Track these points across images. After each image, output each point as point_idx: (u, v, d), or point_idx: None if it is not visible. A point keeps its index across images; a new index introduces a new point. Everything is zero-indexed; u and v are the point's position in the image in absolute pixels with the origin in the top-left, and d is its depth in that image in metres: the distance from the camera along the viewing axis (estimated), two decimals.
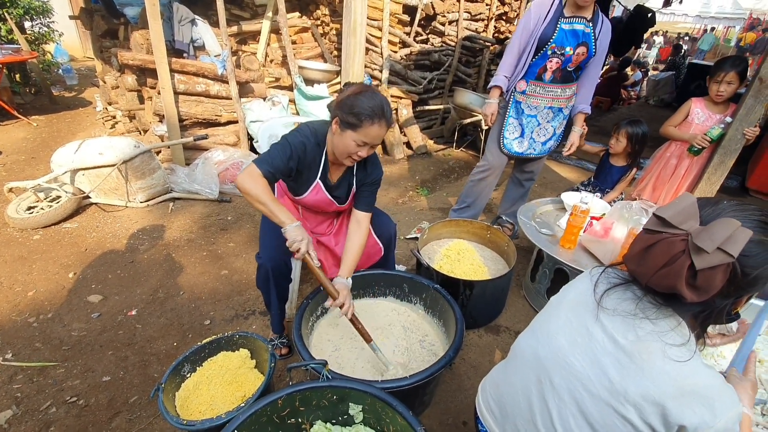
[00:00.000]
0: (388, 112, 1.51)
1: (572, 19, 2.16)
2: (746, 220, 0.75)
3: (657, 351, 0.78)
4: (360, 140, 1.49)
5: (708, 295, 0.73)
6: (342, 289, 1.57)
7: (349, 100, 1.48)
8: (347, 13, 3.67)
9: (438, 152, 5.02)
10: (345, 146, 1.52)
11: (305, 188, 1.70)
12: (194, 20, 3.74)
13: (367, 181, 1.77)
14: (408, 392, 1.41)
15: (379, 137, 1.52)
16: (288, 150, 1.56)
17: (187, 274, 2.54)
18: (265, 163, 1.51)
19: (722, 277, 0.72)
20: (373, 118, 1.46)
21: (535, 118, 2.47)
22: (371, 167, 1.77)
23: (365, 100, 1.46)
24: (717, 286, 0.72)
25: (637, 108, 8.47)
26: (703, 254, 0.71)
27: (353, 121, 1.47)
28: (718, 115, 2.54)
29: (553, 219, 2.38)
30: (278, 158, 1.54)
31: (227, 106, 3.73)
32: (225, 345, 1.65)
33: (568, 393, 0.88)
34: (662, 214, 0.78)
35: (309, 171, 1.66)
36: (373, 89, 1.54)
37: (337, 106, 1.51)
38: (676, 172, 2.72)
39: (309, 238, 1.50)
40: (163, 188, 3.29)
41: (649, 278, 0.79)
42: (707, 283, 0.72)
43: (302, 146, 1.59)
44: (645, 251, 0.79)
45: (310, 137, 1.62)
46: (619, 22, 6.46)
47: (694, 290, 0.73)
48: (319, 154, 1.65)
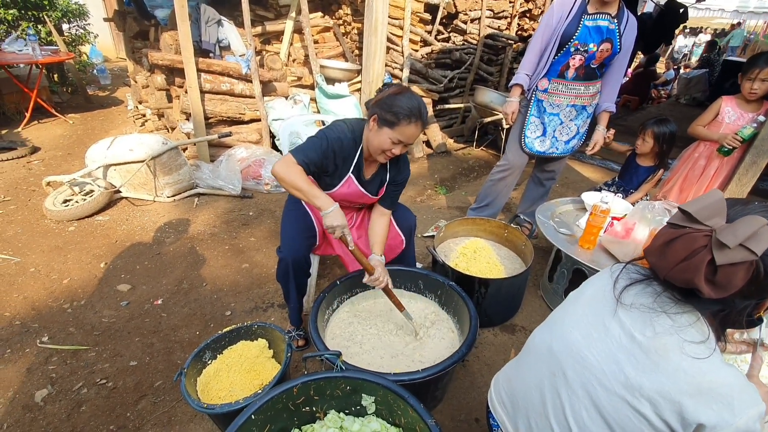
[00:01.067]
0: (424, 113, 1.57)
1: (596, 15, 2.12)
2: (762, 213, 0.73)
3: (674, 347, 0.77)
4: (396, 138, 1.55)
5: (727, 293, 0.72)
6: (377, 264, 1.69)
7: (389, 99, 1.55)
8: (369, 12, 3.70)
9: (458, 151, 5.00)
10: (380, 143, 1.58)
11: (338, 181, 1.75)
12: (220, 21, 3.84)
13: (396, 180, 1.84)
14: (420, 386, 1.43)
15: (413, 136, 1.58)
16: (324, 143, 1.62)
17: (210, 266, 2.62)
18: (300, 153, 1.58)
19: (744, 275, 0.70)
20: (410, 117, 1.53)
21: (558, 117, 2.44)
22: (403, 165, 1.85)
23: (404, 100, 1.53)
24: (737, 284, 0.71)
25: (667, 107, 8.20)
26: (725, 250, 0.70)
27: (391, 119, 1.53)
28: (751, 114, 2.45)
29: (572, 219, 2.35)
30: (313, 151, 1.60)
31: (251, 105, 3.82)
32: (244, 334, 1.71)
33: (582, 386, 0.88)
34: (688, 209, 0.76)
35: (344, 164, 1.72)
36: (411, 90, 1.61)
37: (376, 104, 1.58)
38: (705, 172, 2.64)
39: (345, 221, 1.57)
40: (189, 184, 3.40)
41: (668, 272, 0.78)
42: (727, 280, 0.71)
43: (339, 141, 1.65)
44: (666, 245, 0.78)
45: (347, 133, 1.68)
46: (649, 18, 6.25)
47: (712, 286, 0.72)
48: (355, 149, 1.71)
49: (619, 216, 2.16)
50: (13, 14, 5.36)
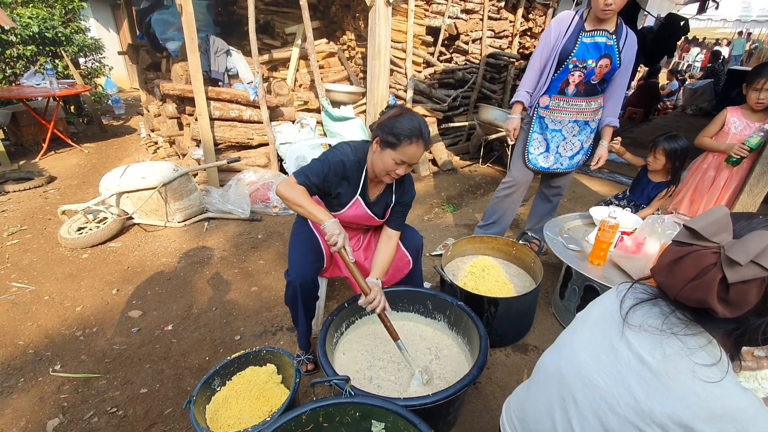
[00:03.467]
0: (426, 133, 1.60)
1: (594, 32, 2.15)
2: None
3: (686, 370, 0.75)
4: (398, 158, 1.58)
5: (741, 311, 0.70)
6: (373, 286, 1.66)
7: (389, 122, 1.59)
8: (372, 37, 3.80)
9: (464, 168, 5.01)
10: (384, 164, 1.61)
11: (345, 203, 1.78)
12: (229, 51, 3.97)
13: (402, 201, 1.86)
14: (431, 411, 1.40)
15: (416, 156, 1.61)
16: (326, 167, 1.66)
17: (219, 290, 2.64)
18: (301, 174, 1.64)
19: (757, 292, 0.69)
20: (411, 138, 1.56)
21: (560, 133, 2.45)
22: (408, 186, 1.87)
23: (405, 122, 1.57)
24: (751, 301, 0.69)
25: (673, 118, 8.16)
26: (736, 267, 0.68)
27: (392, 141, 1.56)
28: (757, 123, 2.43)
29: (581, 234, 2.33)
30: (314, 173, 1.64)
31: (258, 130, 3.91)
32: (253, 360, 1.70)
33: (592, 411, 0.86)
34: (693, 226, 0.75)
35: (349, 186, 1.75)
36: (412, 111, 1.64)
37: (378, 127, 1.62)
38: (715, 183, 2.61)
39: (345, 234, 1.58)
40: (199, 209, 3.46)
41: (678, 291, 0.76)
42: (740, 297, 0.69)
43: (341, 164, 1.68)
44: (674, 263, 0.76)
45: (351, 155, 1.71)
46: (650, 32, 6.30)
47: (726, 305, 0.71)
48: (360, 171, 1.74)
49: (628, 231, 2.13)
50: (31, 50, 5.60)
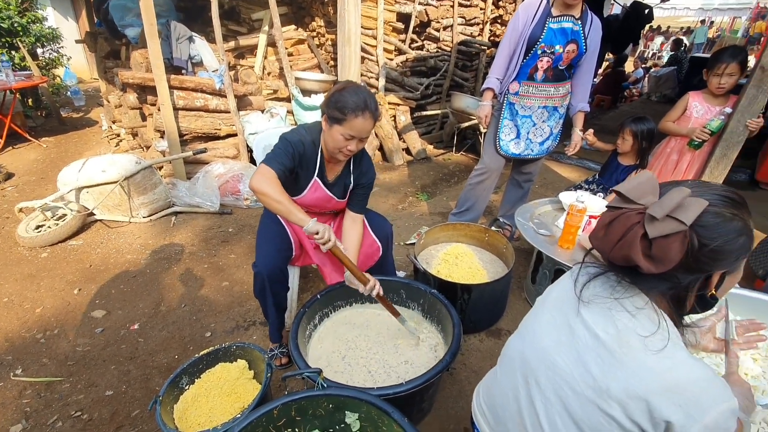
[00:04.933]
0: (371, 104, 1.56)
1: (560, 18, 2.16)
2: (706, 194, 0.74)
3: (637, 345, 0.77)
4: (347, 134, 1.55)
5: (666, 267, 0.72)
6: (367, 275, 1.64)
7: (334, 97, 1.55)
8: (341, 23, 3.71)
9: (438, 157, 5.02)
10: (334, 141, 1.59)
11: (304, 186, 1.74)
12: (192, 37, 3.81)
13: (362, 182, 1.83)
14: (405, 399, 1.40)
15: (365, 130, 1.58)
16: (290, 147, 1.62)
17: (188, 286, 2.56)
18: (274, 161, 1.57)
19: (679, 247, 0.70)
20: (357, 111, 1.52)
21: (530, 119, 2.46)
22: (366, 166, 1.84)
23: (348, 95, 1.53)
24: (674, 257, 0.71)
25: (639, 105, 8.41)
26: (655, 222, 0.71)
27: (338, 116, 1.53)
28: (718, 107, 2.51)
29: (551, 219, 2.36)
30: (284, 156, 1.60)
31: (226, 120, 3.78)
32: (223, 356, 1.66)
33: (554, 392, 0.87)
34: (620, 189, 0.78)
35: (307, 169, 1.71)
36: (356, 84, 1.61)
37: (325, 104, 1.59)
38: (678, 167, 2.69)
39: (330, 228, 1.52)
40: (165, 203, 3.33)
41: (609, 252, 0.78)
42: (662, 252, 0.71)
43: (300, 144, 1.65)
44: (606, 227, 0.79)
45: (306, 135, 1.68)
46: (615, 20, 6.43)
47: (650, 260, 0.73)
48: (315, 152, 1.70)
49: (596, 214, 2.17)
50: None
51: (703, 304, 0.81)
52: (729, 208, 0.74)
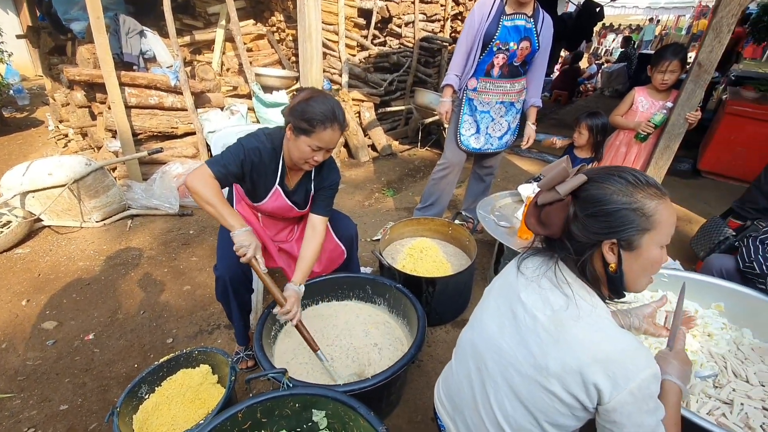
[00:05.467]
0: (340, 115, 1.53)
1: (513, 15, 2.23)
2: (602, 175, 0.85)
3: (569, 320, 0.83)
4: (315, 145, 1.50)
5: (551, 230, 0.88)
6: (291, 295, 1.57)
7: (300, 106, 1.49)
8: (301, 18, 3.65)
9: (403, 152, 5.05)
10: (300, 152, 1.53)
11: (264, 194, 1.69)
12: (143, 32, 3.64)
13: (324, 185, 1.78)
14: (372, 393, 1.41)
15: (333, 141, 1.54)
16: (241, 153, 1.55)
17: (147, 292, 2.46)
18: (216, 164, 1.50)
19: (561, 214, 0.86)
20: (325, 122, 1.48)
21: (489, 114, 2.53)
22: (327, 171, 1.78)
23: (316, 105, 1.48)
24: (556, 222, 0.86)
25: (593, 99, 8.78)
26: (542, 193, 0.88)
27: (306, 127, 1.48)
28: (660, 102, 2.66)
29: (511, 211, 2.44)
30: (231, 161, 1.53)
31: (183, 118, 3.65)
32: (184, 362, 1.61)
33: (501, 376, 0.92)
34: (543, 172, 0.92)
35: (266, 177, 1.65)
36: (324, 93, 1.56)
37: (290, 113, 1.52)
38: (627, 158, 2.84)
39: (257, 243, 1.49)
40: (120, 206, 3.18)
41: (526, 221, 0.95)
42: (548, 218, 0.88)
43: (257, 151, 1.58)
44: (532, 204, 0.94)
45: (266, 142, 1.62)
46: (569, 18, 6.68)
47: (539, 224, 0.90)
48: (276, 159, 1.64)
49: None
50: None
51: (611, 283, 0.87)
52: (616, 184, 0.82)
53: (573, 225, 0.84)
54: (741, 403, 1.30)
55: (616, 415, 0.78)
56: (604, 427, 0.82)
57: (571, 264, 0.89)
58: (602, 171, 0.86)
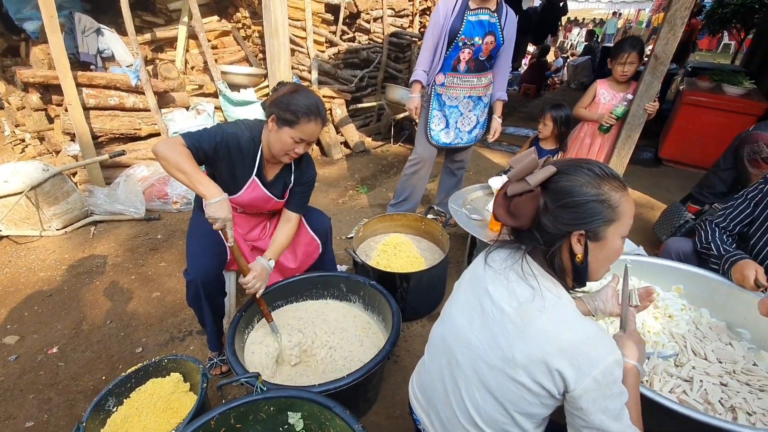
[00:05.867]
0: (323, 110, 1.57)
1: (477, 10, 2.25)
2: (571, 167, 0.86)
3: (535, 313, 0.85)
4: (297, 137, 1.53)
5: (520, 221, 0.86)
6: (256, 267, 1.61)
7: (285, 98, 1.52)
8: (267, 14, 3.58)
9: (376, 149, 5.05)
10: (282, 143, 1.55)
11: (241, 185, 1.68)
12: (99, 30, 3.48)
13: (302, 181, 1.80)
14: (348, 392, 1.41)
15: (315, 134, 1.57)
16: (219, 135, 1.55)
17: (114, 301, 2.38)
18: (189, 137, 1.49)
19: (531, 204, 0.85)
20: (309, 115, 1.52)
21: (457, 108, 2.55)
22: (306, 166, 1.81)
23: (301, 98, 1.52)
24: (527, 213, 0.85)
25: (560, 92, 9.00)
26: (512, 184, 0.87)
27: (290, 118, 1.51)
28: (621, 94, 2.75)
29: (482, 204, 2.47)
30: (205, 138, 1.52)
31: (147, 119, 3.52)
32: (153, 372, 1.57)
33: (471, 368, 0.93)
34: (511, 163, 0.91)
35: (243, 166, 1.65)
36: (306, 88, 1.60)
37: (273, 104, 1.54)
38: (591, 150, 2.92)
39: (229, 215, 1.45)
40: (82, 212, 3.05)
41: (494, 212, 0.93)
42: (518, 209, 0.86)
43: (235, 137, 1.58)
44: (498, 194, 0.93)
45: (246, 131, 1.62)
46: (534, 12, 6.81)
47: (510, 216, 0.88)
48: (254, 149, 1.65)
49: None
50: None
51: (576, 272, 0.90)
52: (584, 176, 0.84)
53: (543, 216, 0.85)
54: (700, 380, 1.37)
55: (582, 402, 0.80)
56: (572, 414, 0.85)
57: (539, 256, 0.90)
58: (570, 163, 0.87)
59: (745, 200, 1.70)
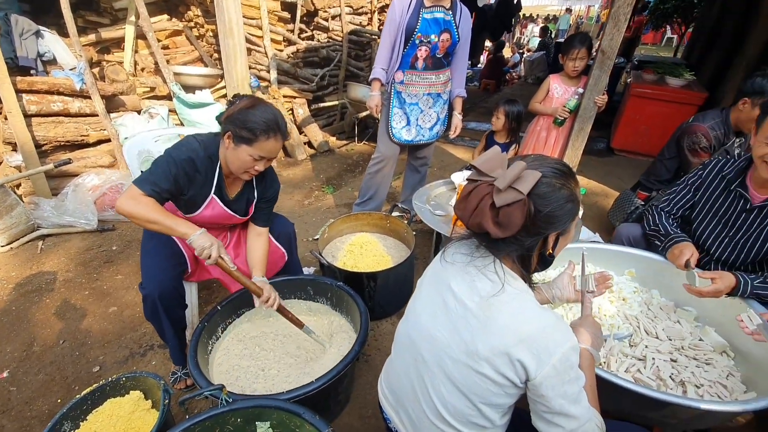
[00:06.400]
0: (283, 125, 1.50)
1: (432, 8, 2.28)
2: (540, 167, 0.85)
3: (496, 306, 0.87)
4: (256, 155, 1.46)
5: (511, 231, 0.82)
6: (263, 285, 1.59)
7: (241, 115, 1.44)
8: (220, 13, 3.47)
9: (341, 148, 5.01)
10: (241, 161, 1.48)
11: (200, 204, 1.60)
12: (39, 32, 3.26)
13: (266, 196, 1.75)
14: (318, 396, 1.40)
15: (275, 151, 1.51)
16: (173, 167, 1.45)
17: (67, 319, 2.24)
18: (146, 182, 1.40)
19: (520, 213, 0.81)
20: (269, 132, 1.44)
21: (417, 106, 2.57)
22: (269, 180, 1.75)
23: (259, 114, 1.44)
24: (517, 222, 0.81)
25: (518, 87, 9.26)
26: (500, 193, 0.81)
27: (248, 136, 1.43)
28: (573, 88, 2.86)
29: (446, 200, 2.51)
30: (162, 176, 1.42)
31: (94, 124, 3.34)
32: (111, 391, 1.49)
33: (436, 364, 0.94)
34: (475, 164, 0.87)
35: (202, 185, 1.57)
36: (265, 102, 1.51)
37: (229, 120, 1.46)
38: (547, 143, 3.02)
39: (218, 242, 1.43)
40: (28, 226, 2.86)
41: (467, 220, 0.87)
42: (507, 219, 0.81)
43: (191, 162, 1.49)
44: (465, 197, 0.87)
45: (200, 150, 1.52)
46: (490, 9, 6.97)
47: (498, 226, 0.83)
48: (212, 167, 1.56)
49: None
50: None
51: (543, 263, 0.94)
52: (558, 179, 0.86)
53: (531, 222, 0.83)
54: (653, 358, 1.45)
55: (542, 389, 0.83)
56: (534, 401, 0.88)
57: (507, 257, 0.91)
58: (540, 163, 0.87)
59: (686, 186, 1.81)
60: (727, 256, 1.66)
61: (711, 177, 1.73)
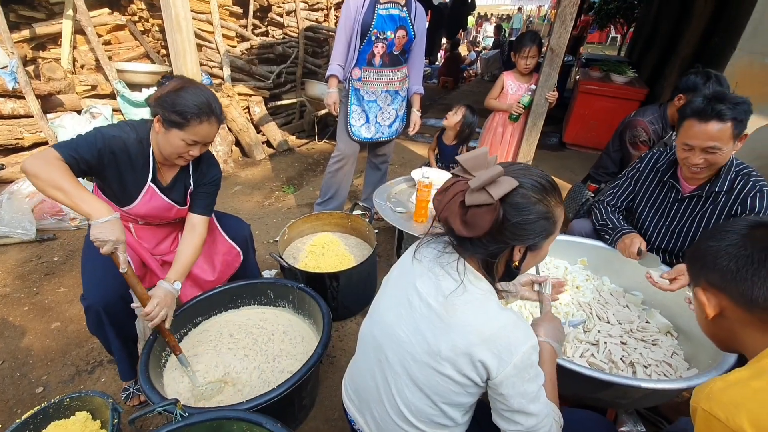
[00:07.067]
0: (216, 108, 1.43)
1: (387, 5, 2.27)
2: (523, 178, 0.84)
3: (459, 306, 0.86)
4: (190, 139, 1.39)
5: (476, 233, 0.82)
6: (158, 294, 1.42)
7: (170, 97, 1.35)
8: (166, 6, 3.29)
9: (301, 147, 4.92)
10: (173, 146, 1.40)
11: (135, 194, 1.50)
12: None
13: (204, 182, 1.64)
14: (280, 403, 1.36)
15: (210, 135, 1.44)
16: (100, 140, 1.35)
17: (5, 338, 2.06)
18: (66, 147, 1.28)
19: (489, 218, 0.80)
20: (201, 116, 1.37)
21: (375, 103, 2.56)
22: (207, 166, 1.65)
23: (189, 97, 1.35)
24: (484, 226, 0.80)
25: (476, 84, 9.46)
26: (472, 192, 0.80)
27: (178, 120, 1.35)
28: (526, 85, 2.95)
29: (406, 197, 2.51)
30: (84, 146, 1.32)
31: (30, 126, 3.09)
32: (54, 414, 1.38)
33: (400, 364, 0.93)
34: (460, 160, 0.86)
35: (135, 172, 1.47)
36: (195, 83, 1.43)
37: (157, 103, 1.37)
38: (504, 138, 3.10)
39: (122, 237, 1.27)
40: None
41: (439, 213, 0.87)
42: (474, 220, 0.81)
43: (120, 140, 1.40)
44: (444, 191, 0.87)
45: (130, 132, 1.43)
46: (445, 8, 7.07)
47: (464, 225, 0.82)
48: (144, 153, 1.47)
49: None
50: None
51: (509, 275, 0.94)
52: (537, 193, 0.84)
53: (498, 229, 0.83)
54: (605, 342, 1.52)
55: (503, 388, 0.84)
56: (494, 399, 0.89)
57: (474, 260, 0.90)
58: (521, 172, 0.86)
59: (627, 179, 1.91)
60: (666, 244, 1.77)
61: (648, 170, 1.83)
